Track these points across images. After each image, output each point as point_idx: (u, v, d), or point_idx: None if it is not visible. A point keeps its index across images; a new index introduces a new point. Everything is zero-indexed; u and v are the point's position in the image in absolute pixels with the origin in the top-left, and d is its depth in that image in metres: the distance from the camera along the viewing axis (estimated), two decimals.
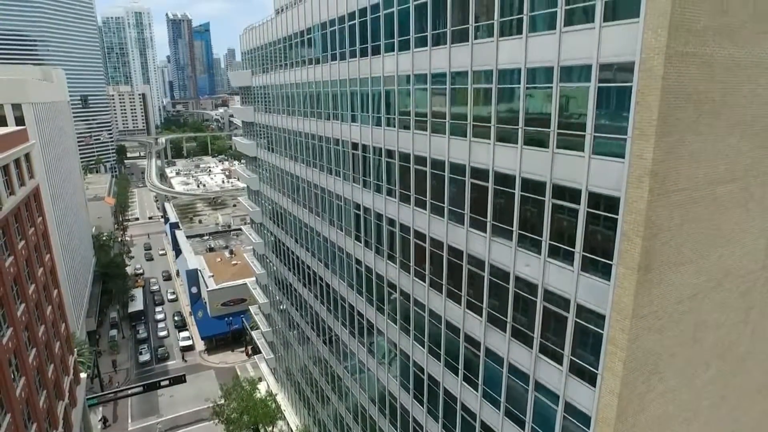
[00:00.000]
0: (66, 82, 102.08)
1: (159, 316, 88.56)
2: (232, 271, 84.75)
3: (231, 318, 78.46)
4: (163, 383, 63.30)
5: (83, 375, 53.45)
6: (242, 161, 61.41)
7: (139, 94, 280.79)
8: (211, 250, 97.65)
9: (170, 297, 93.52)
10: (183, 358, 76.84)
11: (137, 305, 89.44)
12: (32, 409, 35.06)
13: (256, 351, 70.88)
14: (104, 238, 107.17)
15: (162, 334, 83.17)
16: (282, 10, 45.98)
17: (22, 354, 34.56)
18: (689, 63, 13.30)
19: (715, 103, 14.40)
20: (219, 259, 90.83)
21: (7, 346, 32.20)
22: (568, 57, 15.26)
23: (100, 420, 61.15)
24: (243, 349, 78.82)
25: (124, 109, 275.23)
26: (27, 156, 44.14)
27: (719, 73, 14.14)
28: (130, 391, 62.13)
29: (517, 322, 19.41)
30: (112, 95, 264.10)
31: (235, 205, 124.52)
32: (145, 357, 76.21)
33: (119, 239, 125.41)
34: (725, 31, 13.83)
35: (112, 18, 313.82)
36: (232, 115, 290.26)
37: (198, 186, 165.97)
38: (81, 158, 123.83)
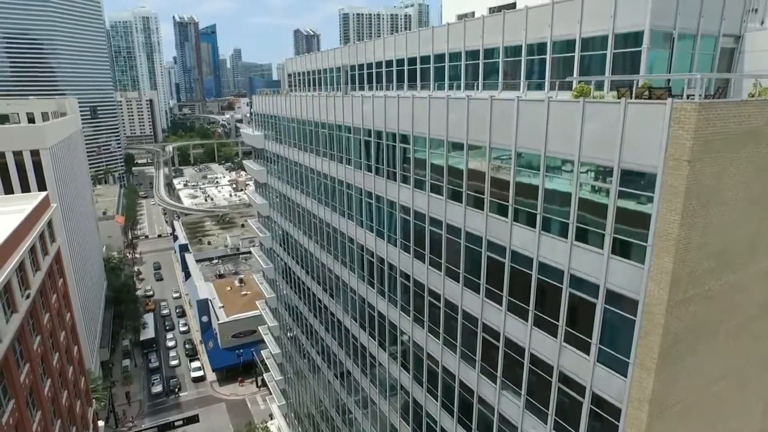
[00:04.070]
0: (79, 110, 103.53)
1: (170, 344, 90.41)
2: (242, 302, 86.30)
3: (241, 351, 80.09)
4: (177, 423, 65.12)
5: (101, 423, 55.18)
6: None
7: (147, 100, 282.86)
8: (220, 276, 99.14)
9: (182, 329, 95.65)
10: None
11: (149, 332, 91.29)
12: None
13: (266, 383, 72.61)
14: (115, 260, 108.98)
15: (173, 363, 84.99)
16: (294, 82, 47.21)
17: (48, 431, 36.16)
18: (690, 303, 14.44)
19: (714, 325, 15.54)
20: (229, 288, 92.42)
21: (36, 431, 33.80)
22: (578, 269, 16.40)
23: None
24: (252, 380, 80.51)
25: (132, 116, 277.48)
26: (49, 222, 45.50)
27: (717, 300, 15.27)
28: None
29: None
30: (120, 101, 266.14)
31: (242, 225, 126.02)
32: (158, 388, 78.05)
33: (129, 257, 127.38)
34: (723, 264, 14.95)
35: (119, 22, 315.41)
36: (238, 121, 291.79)
37: (206, 199, 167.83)
38: (89, 168, 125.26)
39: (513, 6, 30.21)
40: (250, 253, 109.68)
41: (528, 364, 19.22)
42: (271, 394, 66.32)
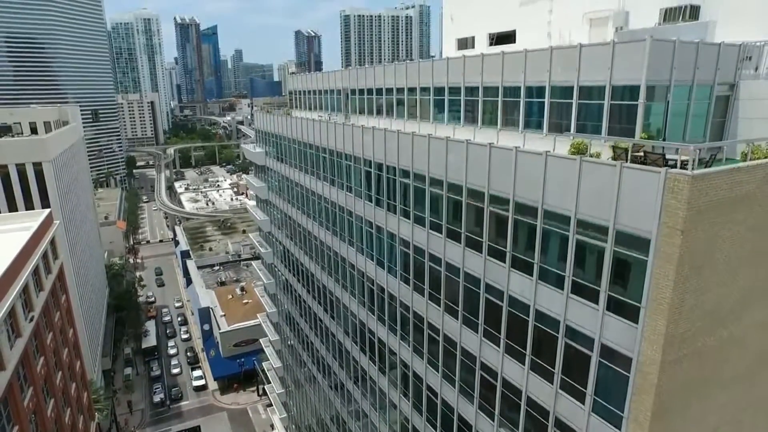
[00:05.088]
0: (80, 117, 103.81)
1: (172, 351, 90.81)
2: (243, 311, 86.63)
3: (243, 359, 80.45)
4: None
5: None
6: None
7: (148, 102, 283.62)
8: (222, 283, 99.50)
9: (184, 336, 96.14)
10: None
11: (151, 341, 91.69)
12: None
13: (267, 393, 73.04)
14: (117, 267, 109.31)
15: (175, 371, 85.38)
16: (294, 99, 47.49)
17: None
18: (683, 361, 14.73)
19: (708, 378, 15.82)
20: (230, 296, 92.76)
21: None
22: (573, 320, 16.69)
23: None
24: (254, 389, 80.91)
25: (133, 118, 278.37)
26: (52, 240, 45.75)
27: (711, 355, 15.54)
28: None
29: None
30: (121, 103, 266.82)
31: (244, 231, 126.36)
32: (159, 397, 78.42)
33: (131, 262, 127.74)
34: (716, 321, 15.23)
35: (121, 24, 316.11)
36: (240, 122, 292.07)
37: (207, 203, 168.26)
38: (91, 171, 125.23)
39: (513, 34, 30.48)
40: (251, 259, 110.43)
41: (525, 406, 19.53)
42: (271, 405, 66.76)
